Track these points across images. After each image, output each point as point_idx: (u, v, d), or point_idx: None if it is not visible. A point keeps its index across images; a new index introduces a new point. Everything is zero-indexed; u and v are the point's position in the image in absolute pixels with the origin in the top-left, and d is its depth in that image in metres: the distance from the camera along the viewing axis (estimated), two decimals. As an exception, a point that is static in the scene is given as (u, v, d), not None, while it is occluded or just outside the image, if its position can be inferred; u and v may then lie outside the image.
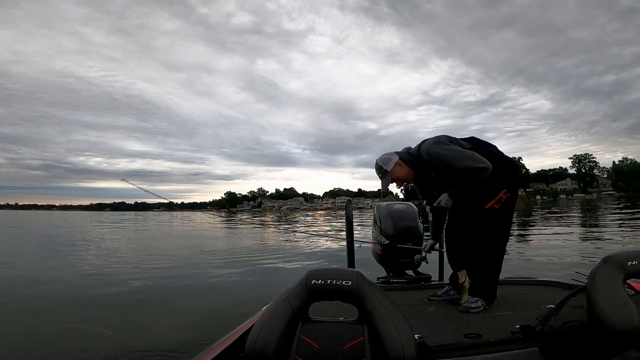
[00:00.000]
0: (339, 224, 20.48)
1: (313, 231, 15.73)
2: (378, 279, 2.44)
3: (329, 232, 14.96)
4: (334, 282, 0.95)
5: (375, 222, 2.57)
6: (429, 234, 2.48)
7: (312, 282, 0.95)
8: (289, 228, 19.50)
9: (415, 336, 0.90)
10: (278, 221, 27.46)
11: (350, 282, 0.94)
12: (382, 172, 1.93)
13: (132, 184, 2.70)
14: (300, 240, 11.66)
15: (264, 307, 1.07)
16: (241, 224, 23.06)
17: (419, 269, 2.49)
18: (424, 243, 2.31)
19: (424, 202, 2.12)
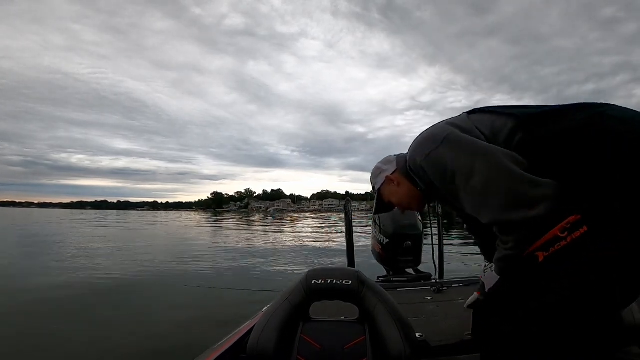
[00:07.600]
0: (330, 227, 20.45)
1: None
2: (378, 277, 2.43)
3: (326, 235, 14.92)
4: (334, 281, 0.95)
5: (374, 221, 2.56)
6: (426, 241, 2.41)
7: (313, 282, 0.95)
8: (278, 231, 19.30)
9: (417, 335, 0.91)
10: (265, 224, 27.15)
11: (350, 282, 0.94)
12: (373, 189, 1.21)
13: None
14: (297, 240, 11.59)
15: (265, 308, 1.06)
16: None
17: (419, 267, 2.50)
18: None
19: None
